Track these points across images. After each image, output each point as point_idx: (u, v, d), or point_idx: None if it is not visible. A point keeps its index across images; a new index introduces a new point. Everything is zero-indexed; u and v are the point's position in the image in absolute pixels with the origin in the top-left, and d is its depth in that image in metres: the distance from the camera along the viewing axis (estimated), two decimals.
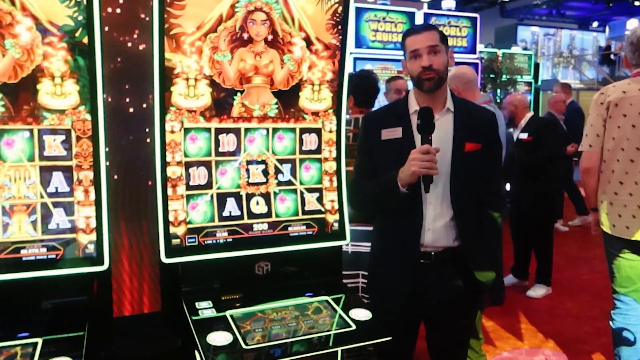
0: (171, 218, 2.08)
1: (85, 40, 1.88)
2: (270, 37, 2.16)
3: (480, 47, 8.35)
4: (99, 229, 1.94)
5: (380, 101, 4.34)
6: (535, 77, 10.65)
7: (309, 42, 2.23)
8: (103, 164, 1.95)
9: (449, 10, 7.31)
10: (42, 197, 1.89)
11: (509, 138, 4.28)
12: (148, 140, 2.30)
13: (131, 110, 2.36)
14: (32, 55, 1.83)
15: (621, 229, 2.80)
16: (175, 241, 2.08)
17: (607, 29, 20.97)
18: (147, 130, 2.34)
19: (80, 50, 1.89)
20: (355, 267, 2.96)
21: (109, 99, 2.22)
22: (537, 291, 4.95)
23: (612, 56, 17.54)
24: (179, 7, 2.00)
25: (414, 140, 2.06)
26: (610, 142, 2.86)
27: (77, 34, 1.87)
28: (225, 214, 2.17)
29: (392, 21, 6.58)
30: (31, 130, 1.87)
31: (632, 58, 2.94)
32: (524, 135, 4.78)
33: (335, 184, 2.35)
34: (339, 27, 2.26)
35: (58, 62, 1.86)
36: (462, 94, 3.35)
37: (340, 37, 2.27)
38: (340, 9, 2.25)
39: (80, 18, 1.87)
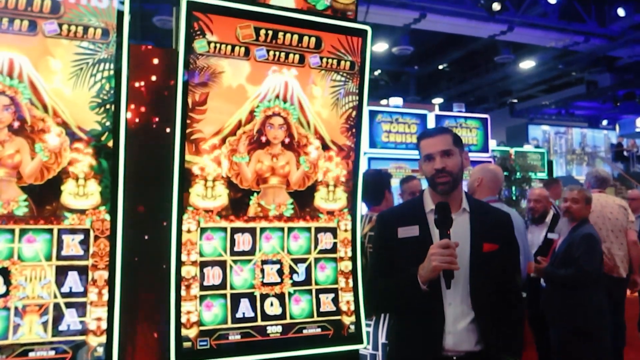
0: (183, 320, 2.03)
1: (110, 143, 1.97)
2: (287, 140, 2.24)
3: (492, 143, 8.52)
4: (109, 331, 1.90)
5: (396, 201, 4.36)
6: (550, 174, 10.74)
7: (324, 145, 2.31)
8: (119, 263, 1.95)
9: (460, 111, 7.57)
10: (55, 297, 1.88)
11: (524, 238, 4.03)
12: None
13: (148, 208, 2.40)
14: (59, 158, 1.91)
15: None
16: (186, 344, 2.02)
17: (617, 126, 21.40)
18: (164, 224, 2.36)
19: (105, 153, 1.97)
20: None
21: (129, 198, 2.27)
22: None
23: (625, 152, 17.73)
24: (201, 112, 2.10)
25: (431, 238, 2.05)
26: None
27: (103, 138, 1.97)
28: (239, 315, 2.12)
29: (405, 122, 6.82)
30: (51, 230, 1.90)
31: None
32: (554, 236, 4.14)
33: (351, 284, 2.31)
34: (353, 130, 2.35)
35: (83, 165, 1.94)
36: (482, 187, 3.36)
37: (355, 139, 2.35)
38: (354, 113, 2.35)
39: (107, 123, 1.97)
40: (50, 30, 1.88)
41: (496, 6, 8.41)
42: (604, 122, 22.40)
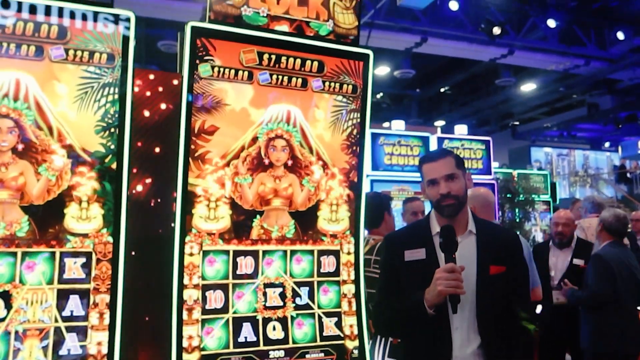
0: (185, 344, 2.01)
1: (114, 166, 1.98)
2: (289, 162, 2.25)
3: (494, 165, 8.52)
4: (110, 355, 1.88)
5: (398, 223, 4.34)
6: (553, 196, 10.70)
7: (326, 167, 2.31)
8: (120, 287, 1.94)
9: (462, 134, 7.59)
10: (56, 321, 1.87)
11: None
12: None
13: (151, 232, 2.39)
14: (62, 181, 1.92)
15: None
16: None
17: (619, 148, 21.42)
18: (167, 247, 2.35)
19: (109, 175, 1.98)
20: None
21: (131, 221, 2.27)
22: None
23: (628, 174, 17.70)
24: (205, 139, 2.11)
25: (438, 261, 2.03)
26: None
27: (106, 160, 1.98)
28: (241, 339, 2.10)
29: (408, 145, 6.84)
30: (53, 253, 1.90)
31: None
32: (580, 262, 4.03)
33: (354, 307, 2.29)
34: (356, 152, 2.35)
35: (86, 188, 1.95)
36: (477, 214, 3.36)
37: (357, 161, 2.35)
38: (356, 136, 2.36)
39: (111, 146, 1.98)
40: (57, 55, 1.91)
41: (496, 30, 8.50)
42: (606, 144, 22.41)
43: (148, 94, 2.26)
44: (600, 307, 3.65)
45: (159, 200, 2.36)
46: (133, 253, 2.09)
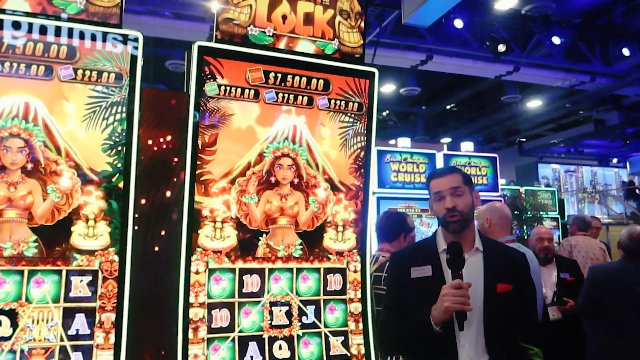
0: None
1: (121, 184, 1.99)
2: (296, 181, 2.25)
3: (502, 182, 8.48)
4: None
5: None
6: (561, 212, 10.62)
7: (332, 185, 2.31)
8: (126, 305, 1.94)
9: (468, 151, 7.58)
10: (62, 339, 1.86)
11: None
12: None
13: (157, 249, 2.39)
14: (71, 199, 1.93)
15: None
16: None
17: (627, 164, 21.29)
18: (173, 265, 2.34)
19: (116, 194, 1.99)
20: None
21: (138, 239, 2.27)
22: None
23: (637, 191, 17.56)
24: (211, 153, 2.13)
25: (444, 278, 2.02)
26: None
27: (114, 179, 1.99)
28: (247, 359, 2.08)
29: (414, 162, 6.84)
30: (60, 272, 1.90)
31: None
32: (566, 275, 4.18)
33: (361, 326, 2.26)
34: (362, 170, 2.35)
35: (93, 206, 1.96)
36: (493, 227, 3.33)
37: (363, 179, 2.35)
38: (362, 153, 2.36)
39: (118, 165, 1.99)
40: (66, 75, 1.94)
41: (501, 47, 8.53)
42: (614, 160, 22.30)
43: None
44: (594, 319, 3.69)
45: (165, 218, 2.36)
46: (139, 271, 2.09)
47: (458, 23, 8.60)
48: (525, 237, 8.14)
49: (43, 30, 1.90)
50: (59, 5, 1.96)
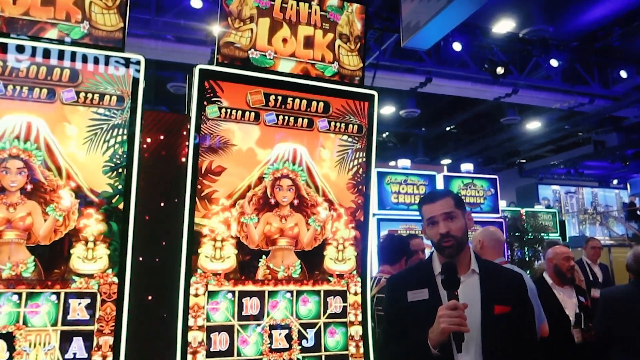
0: None
1: (121, 206, 1.99)
2: (296, 202, 2.25)
3: (502, 203, 8.46)
4: None
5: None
6: (562, 234, 10.58)
7: (332, 206, 2.31)
8: (124, 328, 1.92)
9: (468, 172, 7.58)
10: None
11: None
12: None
13: (155, 270, 2.38)
14: (68, 221, 1.93)
15: None
16: None
17: (628, 185, 21.28)
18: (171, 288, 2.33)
19: (116, 216, 1.98)
20: None
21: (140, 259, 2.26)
22: None
23: (638, 212, 17.51)
24: (212, 179, 2.13)
25: (441, 300, 2.00)
26: None
27: (114, 201, 1.99)
28: None
29: (414, 183, 6.84)
30: (58, 294, 1.88)
31: None
32: (582, 299, 4.09)
33: (362, 350, 2.24)
34: (362, 191, 2.36)
35: (93, 228, 1.95)
36: (485, 249, 3.33)
37: (363, 200, 2.35)
38: (362, 175, 2.37)
39: (119, 186, 2.00)
40: (68, 97, 1.96)
41: (500, 70, 8.63)
42: (615, 182, 22.31)
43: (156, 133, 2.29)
44: (610, 346, 3.58)
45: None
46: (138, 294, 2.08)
47: (457, 46, 8.71)
48: (527, 259, 8.10)
49: (46, 53, 1.93)
50: (63, 30, 1.98)
